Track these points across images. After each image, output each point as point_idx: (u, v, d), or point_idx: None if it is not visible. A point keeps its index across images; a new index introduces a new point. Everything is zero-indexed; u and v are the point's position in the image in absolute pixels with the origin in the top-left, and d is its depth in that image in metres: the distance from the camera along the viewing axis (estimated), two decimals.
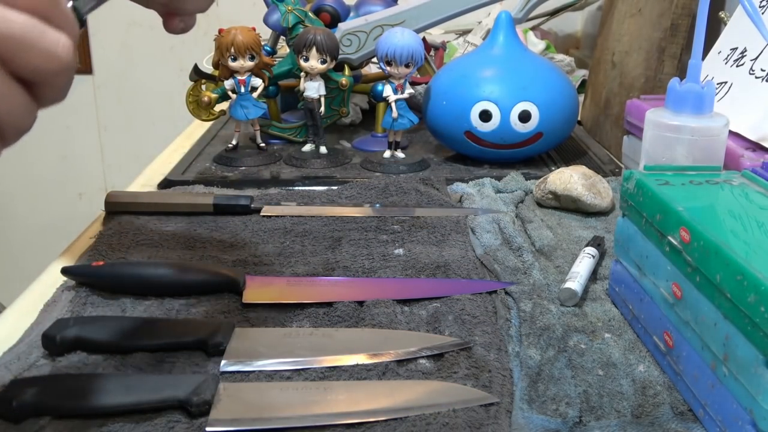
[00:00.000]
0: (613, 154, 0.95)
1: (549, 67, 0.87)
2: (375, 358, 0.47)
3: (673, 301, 0.45)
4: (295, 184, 0.83)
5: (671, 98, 0.60)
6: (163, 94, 1.84)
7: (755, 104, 0.68)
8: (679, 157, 0.60)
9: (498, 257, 0.62)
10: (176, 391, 0.42)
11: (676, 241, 0.44)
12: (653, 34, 0.91)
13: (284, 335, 0.49)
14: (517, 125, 0.83)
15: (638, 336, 0.51)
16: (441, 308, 0.53)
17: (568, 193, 0.73)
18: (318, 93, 0.87)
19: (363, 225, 0.69)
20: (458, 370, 0.46)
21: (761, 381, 0.36)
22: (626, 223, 0.53)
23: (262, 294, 0.55)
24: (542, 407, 0.43)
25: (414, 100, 0.92)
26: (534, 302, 0.54)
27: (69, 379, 0.43)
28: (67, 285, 0.57)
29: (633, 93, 0.92)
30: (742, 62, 0.73)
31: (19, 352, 0.47)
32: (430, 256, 0.62)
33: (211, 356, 0.47)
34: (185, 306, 0.54)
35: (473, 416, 0.41)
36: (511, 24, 0.88)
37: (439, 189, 0.79)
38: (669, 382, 0.45)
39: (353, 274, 0.59)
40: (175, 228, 0.68)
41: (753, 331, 0.36)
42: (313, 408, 0.42)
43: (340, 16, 0.97)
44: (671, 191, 0.48)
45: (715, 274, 0.39)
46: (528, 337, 0.50)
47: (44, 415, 0.41)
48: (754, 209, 0.46)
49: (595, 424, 0.42)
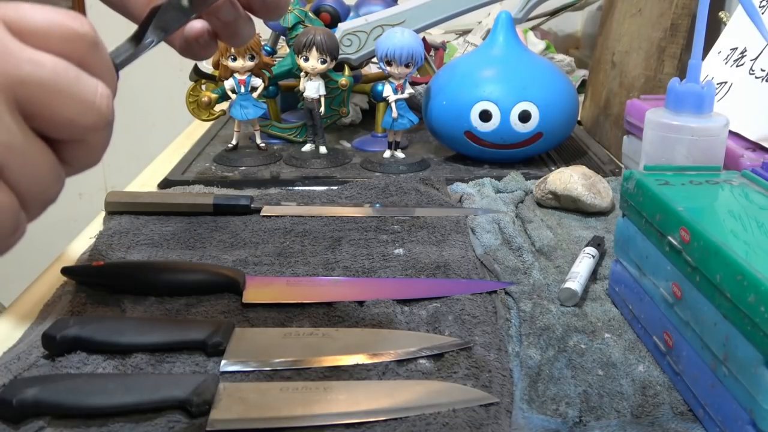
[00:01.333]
0: (613, 154, 0.95)
1: (549, 67, 0.87)
2: (375, 358, 0.47)
3: (673, 301, 0.45)
4: (295, 184, 0.83)
5: (671, 98, 0.61)
6: (163, 94, 1.84)
7: (755, 104, 0.68)
8: (679, 157, 0.60)
9: (498, 257, 0.62)
10: (176, 391, 0.42)
11: (676, 241, 0.44)
12: (653, 34, 0.91)
13: (284, 335, 0.49)
14: (517, 125, 0.83)
15: (638, 336, 0.51)
16: (441, 308, 0.53)
17: (568, 193, 0.73)
18: (318, 93, 0.87)
19: (363, 225, 0.68)
20: (458, 370, 0.46)
21: (761, 381, 0.36)
22: (626, 223, 0.53)
23: (262, 294, 0.55)
24: (542, 407, 0.43)
25: (414, 100, 0.92)
26: (534, 302, 0.54)
27: (69, 379, 0.43)
28: (67, 285, 0.57)
29: (633, 93, 0.92)
30: (742, 62, 0.73)
31: (19, 352, 0.47)
32: (430, 256, 0.62)
33: (211, 356, 0.47)
34: (185, 306, 0.54)
35: (473, 416, 0.41)
36: (511, 24, 0.88)
37: (439, 189, 0.79)
38: (669, 382, 0.45)
39: (353, 274, 0.59)
40: (175, 228, 0.68)
41: (753, 331, 0.36)
42: (313, 408, 0.42)
43: (340, 16, 0.97)
44: (671, 191, 0.48)
45: (715, 274, 0.39)
46: (528, 337, 0.50)
47: (44, 415, 0.41)
48: (754, 209, 0.46)
49: (595, 424, 0.42)
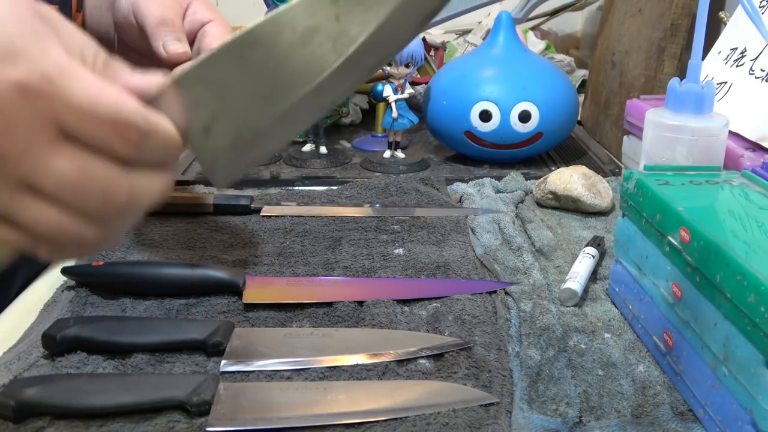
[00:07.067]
0: (613, 154, 0.95)
1: (549, 67, 0.87)
2: (375, 358, 0.47)
3: (673, 301, 0.45)
4: (295, 184, 0.83)
5: (671, 98, 0.60)
6: None
7: (755, 104, 0.68)
8: (679, 157, 0.59)
9: (498, 257, 0.62)
10: (176, 391, 0.42)
11: (676, 241, 0.44)
12: (653, 34, 0.91)
13: (284, 335, 0.49)
14: (517, 125, 0.83)
15: (638, 336, 0.51)
16: (441, 308, 0.53)
17: (568, 193, 0.73)
18: None
19: (363, 225, 0.68)
20: (458, 370, 0.46)
21: (761, 381, 0.36)
22: (626, 223, 0.52)
23: (262, 294, 0.55)
24: (542, 407, 0.43)
25: (414, 100, 0.92)
26: (534, 302, 0.54)
27: (69, 379, 0.43)
28: (67, 285, 0.57)
29: (633, 93, 0.92)
30: (742, 62, 0.73)
31: (19, 352, 0.47)
32: (430, 256, 0.62)
33: (211, 356, 0.47)
34: (185, 306, 0.54)
35: (473, 416, 0.41)
36: (511, 24, 0.88)
37: (439, 189, 0.79)
38: (669, 382, 0.45)
39: (353, 274, 0.59)
40: (175, 228, 0.67)
41: (753, 331, 0.36)
42: (313, 408, 0.42)
43: None
44: (671, 191, 0.48)
45: (715, 274, 0.39)
46: (528, 337, 0.50)
47: (44, 415, 0.41)
48: (754, 209, 0.46)
49: (595, 424, 0.42)
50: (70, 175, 0.31)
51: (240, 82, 0.33)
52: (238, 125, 0.35)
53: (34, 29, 0.30)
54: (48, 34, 0.31)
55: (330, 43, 0.33)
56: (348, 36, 0.33)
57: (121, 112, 0.31)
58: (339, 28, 0.33)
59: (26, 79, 0.29)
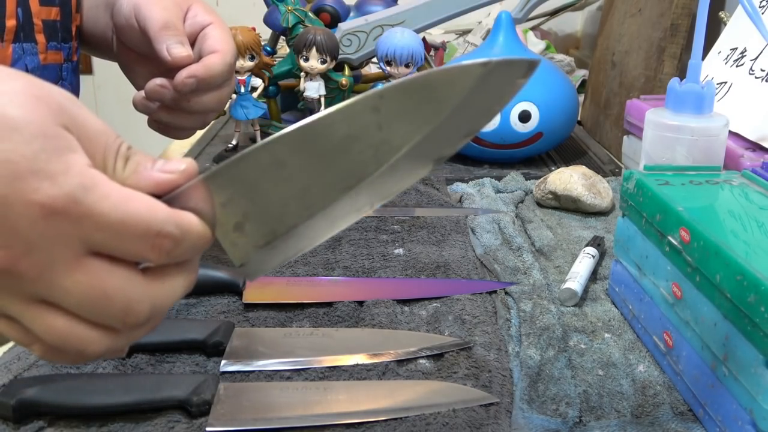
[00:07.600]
0: (613, 154, 0.95)
1: (549, 67, 0.87)
2: (375, 358, 0.47)
3: (673, 301, 0.45)
4: None
5: (671, 98, 0.60)
6: None
7: (755, 104, 0.68)
8: (679, 157, 0.59)
9: (498, 257, 0.62)
10: (176, 391, 0.42)
11: (676, 241, 0.44)
12: (653, 34, 0.91)
13: (284, 335, 0.49)
14: (517, 125, 0.83)
15: (638, 336, 0.51)
16: (441, 308, 0.53)
17: (568, 193, 0.73)
18: (318, 93, 0.87)
19: (363, 225, 0.68)
20: (458, 370, 0.46)
21: (761, 381, 0.36)
22: (626, 223, 0.52)
23: (262, 294, 0.55)
24: (542, 407, 0.43)
25: None
26: (534, 302, 0.54)
27: (69, 379, 0.43)
28: None
29: (633, 93, 0.92)
30: (742, 62, 0.73)
31: (19, 352, 0.47)
32: (430, 256, 0.62)
33: (211, 356, 0.47)
34: (185, 306, 0.54)
35: (473, 416, 0.41)
36: (511, 24, 0.88)
37: (439, 189, 0.79)
38: (669, 382, 0.45)
39: (353, 274, 0.59)
40: None
41: (753, 331, 0.36)
42: (313, 408, 0.42)
43: (340, 16, 0.97)
44: (671, 191, 0.48)
45: (715, 274, 0.39)
46: (528, 337, 0.50)
47: (44, 415, 0.41)
48: (754, 209, 0.46)
49: (595, 424, 0.42)
50: (90, 293, 0.29)
51: (274, 184, 0.32)
52: (272, 225, 0.33)
53: (56, 144, 0.28)
54: (70, 146, 0.28)
55: (371, 150, 0.32)
56: (390, 145, 0.32)
57: (154, 223, 0.29)
58: (381, 137, 0.31)
59: (50, 202, 0.27)
